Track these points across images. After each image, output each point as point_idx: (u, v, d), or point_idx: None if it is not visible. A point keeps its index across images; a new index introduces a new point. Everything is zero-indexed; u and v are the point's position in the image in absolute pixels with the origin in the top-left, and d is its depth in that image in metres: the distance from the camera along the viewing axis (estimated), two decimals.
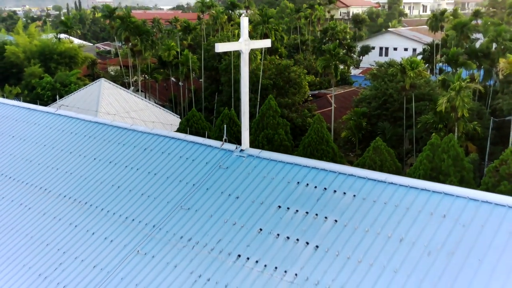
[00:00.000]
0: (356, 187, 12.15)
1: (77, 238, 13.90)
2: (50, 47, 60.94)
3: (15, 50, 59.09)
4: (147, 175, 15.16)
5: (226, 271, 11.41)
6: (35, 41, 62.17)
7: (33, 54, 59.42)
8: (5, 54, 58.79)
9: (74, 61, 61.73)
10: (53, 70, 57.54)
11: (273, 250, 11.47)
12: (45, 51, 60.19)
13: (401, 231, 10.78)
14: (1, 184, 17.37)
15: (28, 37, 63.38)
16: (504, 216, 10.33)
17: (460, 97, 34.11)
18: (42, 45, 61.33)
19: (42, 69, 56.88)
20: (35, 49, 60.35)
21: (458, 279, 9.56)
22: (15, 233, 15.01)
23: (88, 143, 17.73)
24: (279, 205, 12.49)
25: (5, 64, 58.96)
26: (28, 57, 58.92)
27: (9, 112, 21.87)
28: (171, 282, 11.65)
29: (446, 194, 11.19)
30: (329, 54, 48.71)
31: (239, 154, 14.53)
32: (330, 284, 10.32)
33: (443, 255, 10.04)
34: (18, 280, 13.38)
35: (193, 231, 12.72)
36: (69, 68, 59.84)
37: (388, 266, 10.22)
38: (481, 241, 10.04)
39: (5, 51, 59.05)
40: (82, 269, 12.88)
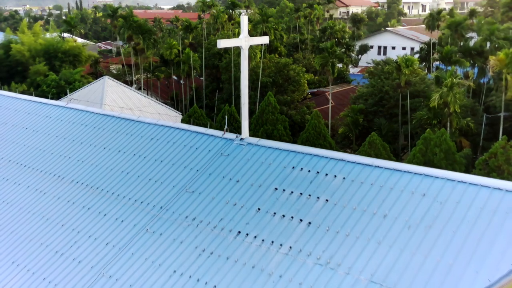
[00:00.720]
0: (346, 171, 13.30)
1: (90, 219, 15.07)
2: (54, 45, 62.13)
3: (21, 48, 60.27)
4: (154, 162, 16.32)
5: (227, 246, 12.57)
6: (40, 39, 63.35)
7: (38, 53, 60.58)
8: (11, 53, 59.96)
9: (78, 59, 62.92)
10: (58, 68, 58.70)
11: (270, 227, 12.63)
12: (49, 49, 61.37)
13: (385, 208, 11.93)
14: (17, 172, 18.52)
15: (33, 36, 64.53)
16: (476, 194, 11.48)
17: (452, 93, 35.26)
18: (47, 44, 62.52)
19: (47, 67, 58.04)
20: (40, 47, 61.52)
21: (433, 249, 10.72)
22: (32, 215, 16.17)
23: (98, 134, 18.89)
24: (275, 187, 13.65)
25: (10, 62, 60.12)
26: (33, 56, 60.08)
27: (21, 106, 23.02)
28: (178, 256, 12.81)
29: (426, 176, 12.35)
30: (326, 52, 49.83)
31: (239, 143, 15.69)
32: (321, 255, 11.48)
33: (421, 228, 11.20)
34: (36, 257, 14.54)
35: (197, 211, 13.88)
36: (73, 66, 61.01)
37: (373, 238, 11.38)
38: (455, 216, 11.20)
39: (11, 49, 60.19)
40: (95, 246, 14.05)
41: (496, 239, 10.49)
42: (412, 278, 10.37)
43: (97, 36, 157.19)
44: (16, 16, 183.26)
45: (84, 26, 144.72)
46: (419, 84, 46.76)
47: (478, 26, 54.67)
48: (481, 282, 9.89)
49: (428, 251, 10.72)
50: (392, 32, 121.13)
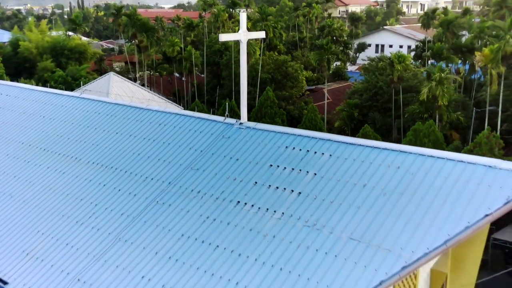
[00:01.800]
0: (332, 149, 15.07)
1: (106, 194, 16.84)
2: (61, 43, 63.89)
3: (29, 46, 62.04)
4: (162, 145, 18.08)
5: (228, 213, 14.34)
6: (47, 37, 65.10)
7: (45, 50, 62.35)
8: (19, 50, 61.74)
9: (84, 57, 64.70)
10: (64, 65, 60.48)
11: (265, 197, 14.40)
12: (56, 47, 63.15)
13: (365, 179, 13.70)
14: (37, 155, 20.28)
15: (40, 33, 66.29)
16: (442, 166, 13.25)
17: (440, 87, 37.00)
18: (53, 41, 64.29)
19: (54, 64, 59.81)
20: (47, 45, 63.28)
21: (404, 211, 12.49)
22: (53, 192, 17.92)
23: (110, 121, 20.64)
24: (270, 164, 15.42)
25: (18, 59, 61.89)
26: (41, 53, 61.86)
27: (38, 97, 24.77)
28: (185, 222, 14.58)
29: (401, 152, 14.12)
30: (322, 49, 51.59)
31: (238, 126, 17.45)
32: (309, 218, 13.25)
33: (395, 195, 12.98)
34: (59, 227, 16.30)
35: (202, 185, 15.65)
36: (79, 63, 62.78)
37: (353, 204, 13.15)
38: (423, 184, 12.97)
39: (19, 47, 61.96)
40: (112, 216, 15.82)
41: (457, 202, 12.26)
42: (385, 235, 12.14)
43: (99, 34, 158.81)
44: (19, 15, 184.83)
45: (87, 24, 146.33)
46: (411, 79, 48.49)
47: (469, 24, 56.42)
48: (442, 237, 11.67)
49: (399, 213, 12.50)
50: (389, 30, 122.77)
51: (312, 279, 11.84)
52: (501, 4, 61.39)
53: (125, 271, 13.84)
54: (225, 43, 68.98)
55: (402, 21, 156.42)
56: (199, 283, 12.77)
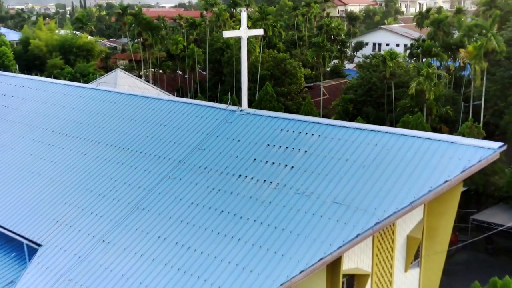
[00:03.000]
0: (320, 130, 17.33)
1: (124, 171, 19.09)
2: (69, 41, 66.12)
3: (39, 43, 64.27)
4: (173, 129, 20.33)
5: (231, 185, 16.60)
6: (55, 35, 67.29)
7: (54, 48, 64.57)
8: (29, 48, 63.95)
9: (91, 54, 66.95)
10: (72, 62, 62.69)
11: (263, 171, 16.66)
12: (65, 44, 65.36)
13: (347, 155, 15.97)
14: (60, 139, 22.51)
15: (49, 32, 68.49)
16: (413, 143, 15.50)
17: (427, 81, 39.21)
18: (62, 40, 66.51)
19: (63, 61, 62.03)
20: (56, 43, 65.50)
21: (379, 180, 14.74)
22: (76, 170, 20.17)
23: (125, 109, 22.89)
24: (267, 144, 17.68)
25: (28, 57, 64.11)
26: (50, 50, 64.07)
27: (57, 89, 27.01)
28: (194, 193, 16.85)
29: (379, 132, 16.38)
30: (317, 46, 53.79)
31: (240, 113, 19.71)
32: (299, 187, 15.51)
33: (372, 167, 15.24)
34: (84, 199, 18.53)
35: (208, 162, 17.91)
36: (87, 60, 65.00)
37: (337, 175, 15.42)
38: (396, 158, 15.23)
39: (29, 45, 64.15)
40: (130, 189, 18.08)
41: (423, 171, 14.53)
42: (362, 198, 14.41)
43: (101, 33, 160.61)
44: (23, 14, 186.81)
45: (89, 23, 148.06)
46: (403, 75, 50.69)
47: (459, 23, 58.57)
48: (409, 199, 13.93)
49: (375, 181, 14.77)
50: (386, 29, 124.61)
51: (301, 234, 14.10)
52: (490, 4, 63.71)
53: (143, 233, 16.12)
54: (226, 41, 71.29)
55: (401, 21, 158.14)
56: (207, 241, 15.03)
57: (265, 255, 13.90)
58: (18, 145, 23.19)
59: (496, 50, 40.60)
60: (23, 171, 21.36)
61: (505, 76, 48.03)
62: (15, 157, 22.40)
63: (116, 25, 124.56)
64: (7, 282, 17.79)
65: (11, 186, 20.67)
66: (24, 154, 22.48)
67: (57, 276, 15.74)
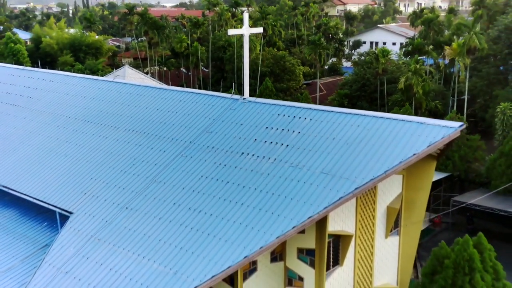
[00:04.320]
0: (312, 115, 19.97)
1: (141, 151, 21.73)
2: (79, 39, 68.80)
3: (50, 42, 66.93)
4: (183, 115, 22.98)
5: (235, 161, 19.25)
6: (65, 34, 69.92)
7: (64, 46, 67.23)
8: (41, 46, 66.60)
9: (100, 52, 69.62)
10: (82, 59, 65.32)
11: (262, 149, 19.30)
12: (74, 43, 68.02)
13: (334, 134, 18.61)
14: (82, 125, 25.14)
15: (60, 30, 71.17)
16: (389, 124, 18.15)
17: (415, 76, 41.83)
18: (72, 38, 69.17)
19: (73, 58, 64.67)
20: (66, 41, 68.17)
21: (360, 154, 17.38)
22: (99, 151, 22.80)
23: (140, 99, 25.53)
24: (266, 126, 20.32)
25: (40, 54, 66.75)
26: (61, 48, 66.74)
27: (77, 81, 29.65)
28: (203, 168, 19.49)
29: (361, 115, 19.04)
30: (314, 44, 56.41)
31: (242, 101, 22.36)
32: (293, 161, 18.15)
33: (354, 144, 17.87)
34: (106, 175, 21.17)
35: (215, 143, 20.55)
36: (95, 58, 67.67)
37: (325, 151, 18.04)
38: (375, 136, 17.86)
39: (41, 43, 66.78)
40: (147, 166, 20.71)
41: (396, 147, 17.17)
42: (345, 169, 17.04)
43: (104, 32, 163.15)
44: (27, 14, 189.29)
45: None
46: (395, 72, 53.27)
47: (448, 22, 61.07)
48: (383, 168, 16.57)
49: (356, 156, 17.42)
50: (383, 28, 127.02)
51: (294, 198, 16.74)
52: (479, 4, 66.25)
53: (161, 201, 18.77)
54: (228, 39, 73.98)
55: (399, 20, 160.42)
56: (215, 205, 17.67)
57: (264, 215, 16.57)
58: (45, 131, 25.85)
59: (478, 47, 43.17)
60: (51, 153, 24.02)
61: (491, 73, 50.63)
62: (43, 142, 25.06)
63: (119, 24, 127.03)
64: (41, 245, 20.49)
65: (42, 166, 23.32)
66: (51, 138, 25.14)
67: (87, 236, 18.41)
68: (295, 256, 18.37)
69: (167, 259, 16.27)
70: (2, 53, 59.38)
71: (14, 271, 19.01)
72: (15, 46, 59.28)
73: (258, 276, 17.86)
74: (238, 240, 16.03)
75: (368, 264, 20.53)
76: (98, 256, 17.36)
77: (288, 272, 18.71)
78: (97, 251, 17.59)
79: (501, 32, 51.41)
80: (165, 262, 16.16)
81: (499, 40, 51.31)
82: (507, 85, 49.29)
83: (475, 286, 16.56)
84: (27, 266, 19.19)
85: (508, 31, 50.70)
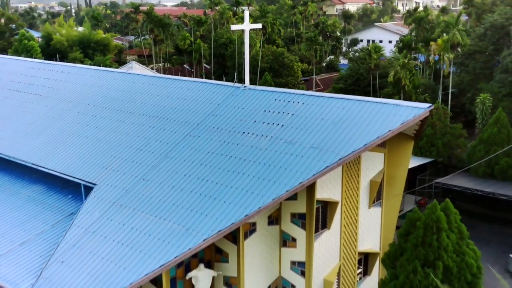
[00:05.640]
0: (304, 99, 22.70)
1: (155, 132, 24.45)
2: (87, 36, 71.60)
3: (61, 39, 69.74)
4: (191, 101, 25.70)
5: (237, 139, 21.96)
6: (74, 32, 72.74)
7: (74, 43, 70.03)
8: (52, 43, 69.43)
9: (107, 49, 72.45)
10: (91, 56, 68.10)
11: (261, 128, 22.02)
12: (83, 40, 70.82)
13: (322, 115, 21.35)
14: (100, 111, 27.85)
15: (70, 28, 74.00)
16: (369, 106, 20.88)
17: (403, 70, 44.59)
18: (81, 35, 71.98)
19: (82, 54, 67.47)
20: (76, 38, 70.97)
21: (345, 130, 20.12)
22: (117, 133, 25.48)
23: (152, 88, 28.25)
24: (264, 110, 23.05)
25: (50, 51, 69.52)
26: (70, 45, 69.54)
27: (93, 73, 32.36)
28: (210, 145, 22.21)
29: (346, 99, 21.78)
30: (310, 40, 59.16)
31: (243, 88, 25.09)
32: (287, 138, 20.87)
33: (339, 123, 20.61)
34: (125, 153, 23.91)
35: (220, 124, 23.26)
36: (103, 54, 70.45)
37: (314, 129, 20.74)
38: (357, 117, 20.59)
39: (51, 40, 69.61)
40: (160, 144, 23.42)
41: (375, 125, 19.89)
42: (331, 143, 19.78)
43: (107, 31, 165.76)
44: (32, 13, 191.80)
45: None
46: (387, 67, 56.00)
47: (437, 20, 63.73)
48: (363, 142, 19.29)
49: (340, 132, 20.15)
50: (379, 27, 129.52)
51: (287, 168, 19.44)
52: (468, 4, 68.97)
53: (173, 173, 21.48)
54: (229, 37, 76.77)
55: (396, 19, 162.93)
56: (220, 175, 20.36)
57: (262, 183, 19.30)
58: (67, 117, 28.57)
59: (461, 43, 45.90)
60: (74, 135, 26.74)
61: (477, 67, 53.34)
62: (66, 125, 27.78)
63: (122, 23, 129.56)
64: (68, 214, 23.24)
65: (66, 146, 26.03)
66: (73, 123, 27.86)
67: (110, 203, 21.15)
68: (289, 220, 21.15)
69: (180, 218, 19.01)
70: (16, 50, 62.20)
71: (46, 234, 21.76)
72: (28, 43, 62.14)
73: (257, 236, 20.63)
74: (240, 203, 18.76)
75: (353, 230, 23.31)
76: (121, 218, 20.10)
77: (283, 235, 21.49)
78: (119, 214, 20.33)
79: (487, 30, 54.08)
80: (178, 221, 18.90)
81: (484, 37, 54.00)
82: (492, 79, 51.98)
83: (442, 243, 19.25)
84: (57, 230, 21.94)
85: (493, 29, 53.38)
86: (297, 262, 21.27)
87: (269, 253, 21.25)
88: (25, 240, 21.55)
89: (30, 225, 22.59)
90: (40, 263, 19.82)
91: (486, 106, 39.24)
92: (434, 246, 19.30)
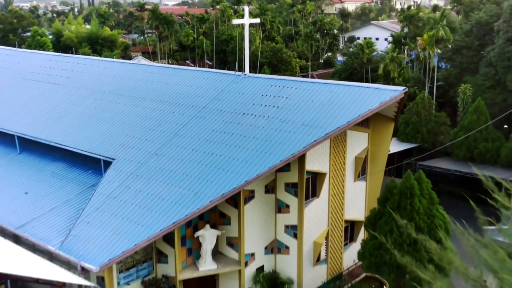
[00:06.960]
0: (296, 85, 25.58)
1: (165, 115, 27.32)
2: (95, 33, 74.51)
3: (70, 35, 72.65)
4: (197, 88, 28.58)
5: (238, 119, 24.82)
6: (83, 29, 75.64)
7: (83, 39, 72.92)
8: (62, 39, 72.33)
9: (114, 45, 75.33)
10: (99, 51, 70.96)
11: (259, 110, 24.90)
12: (92, 36, 73.71)
13: (312, 98, 24.23)
14: (115, 97, 30.71)
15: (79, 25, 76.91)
16: (353, 90, 23.75)
17: (392, 63, 47.47)
18: (89, 32, 74.87)
19: (91, 50, 70.38)
20: (84, 35, 73.86)
21: (330, 111, 22.99)
22: (131, 116, 28.33)
23: (161, 77, 31.11)
24: (262, 94, 25.93)
25: (60, 47, 72.37)
26: (79, 41, 72.45)
27: (107, 64, 35.23)
28: (214, 124, 25.09)
29: (332, 84, 24.69)
30: (306, 36, 62.04)
31: (244, 76, 27.97)
32: (282, 118, 23.76)
33: (327, 105, 23.46)
34: (139, 133, 26.78)
35: (223, 107, 26.14)
36: (110, 50, 73.33)
37: (305, 110, 23.68)
38: (342, 99, 23.46)
39: (61, 37, 72.51)
40: (170, 125, 26.30)
41: (356, 106, 22.75)
42: (319, 121, 22.70)
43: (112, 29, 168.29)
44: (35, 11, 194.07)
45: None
46: (379, 62, 58.84)
47: (427, 18, 66.54)
48: (346, 119, 22.17)
49: (327, 112, 23.04)
50: (375, 25, 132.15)
51: (282, 143, 22.30)
52: (457, 2, 71.81)
53: (183, 148, 24.34)
54: (230, 34, 79.61)
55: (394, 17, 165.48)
56: (224, 149, 23.24)
57: (259, 155, 22.18)
58: (85, 103, 31.44)
59: (445, 38, 48.76)
60: (92, 118, 29.61)
61: (463, 62, 56.14)
62: (85, 110, 30.65)
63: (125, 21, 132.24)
64: (89, 185, 26.10)
65: (85, 128, 28.89)
66: (90, 108, 30.73)
67: (128, 174, 24.02)
68: (283, 189, 24.04)
69: (189, 185, 21.89)
70: (30, 45, 65.10)
71: (71, 202, 24.65)
72: (41, 39, 65.04)
73: (256, 202, 23.54)
74: (241, 171, 21.65)
75: (340, 200, 26.22)
76: (138, 186, 22.99)
77: (278, 202, 24.39)
78: (136, 182, 23.22)
79: (473, 26, 56.83)
80: (188, 187, 21.79)
81: (471, 34, 56.75)
82: (477, 73, 54.80)
83: (414, 206, 22.10)
84: (81, 198, 24.81)
85: (478, 25, 56.13)
86: (290, 225, 24.19)
87: (266, 217, 24.16)
88: (53, 207, 24.44)
89: (57, 195, 25.47)
90: (67, 225, 22.68)
91: (467, 95, 42.08)
92: (407, 210, 22.14)
